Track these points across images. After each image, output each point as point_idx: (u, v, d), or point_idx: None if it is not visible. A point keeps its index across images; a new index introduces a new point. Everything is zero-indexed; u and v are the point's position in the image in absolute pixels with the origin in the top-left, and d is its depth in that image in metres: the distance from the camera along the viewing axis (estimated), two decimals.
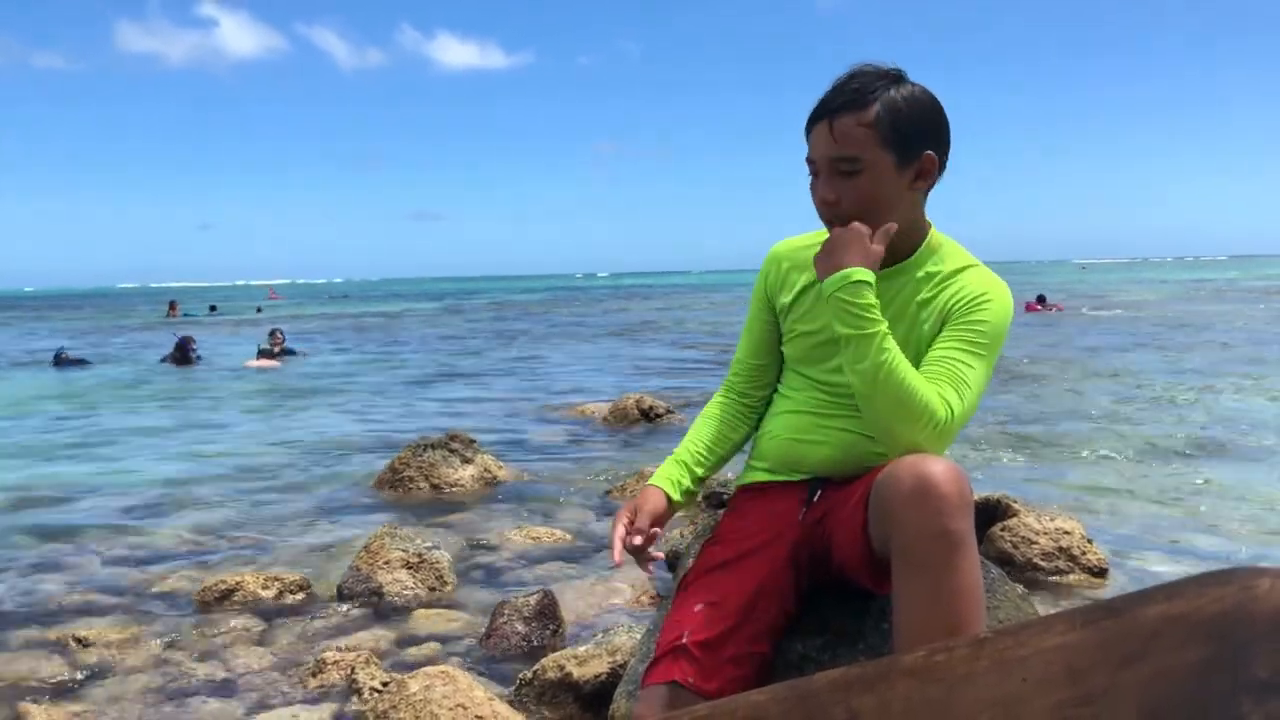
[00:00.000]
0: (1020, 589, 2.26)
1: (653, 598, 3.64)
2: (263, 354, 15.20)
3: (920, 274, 1.80)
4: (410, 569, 3.82)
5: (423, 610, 3.63)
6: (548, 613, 3.27)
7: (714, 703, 1.39)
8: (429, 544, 4.01)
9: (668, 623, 1.78)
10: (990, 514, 3.94)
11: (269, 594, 3.72)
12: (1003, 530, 3.83)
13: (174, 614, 3.68)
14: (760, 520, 1.86)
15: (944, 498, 1.49)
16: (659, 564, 1.96)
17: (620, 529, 1.84)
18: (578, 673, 2.68)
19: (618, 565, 1.85)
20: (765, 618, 1.73)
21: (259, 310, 34.13)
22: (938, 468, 1.51)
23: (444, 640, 3.36)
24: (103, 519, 5.21)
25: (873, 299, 1.66)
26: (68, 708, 2.86)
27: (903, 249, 1.80)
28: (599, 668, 2.69)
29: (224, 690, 2.99)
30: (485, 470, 5.53)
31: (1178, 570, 3.91)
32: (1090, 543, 3.82)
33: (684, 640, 1.69)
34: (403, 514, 5.13)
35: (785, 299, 1.93)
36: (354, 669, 2.98)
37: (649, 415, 7.79)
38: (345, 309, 36.90)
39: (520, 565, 4.18)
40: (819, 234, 1.93)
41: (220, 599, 3.69)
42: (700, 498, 3.98)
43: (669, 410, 7.85)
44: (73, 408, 10.53)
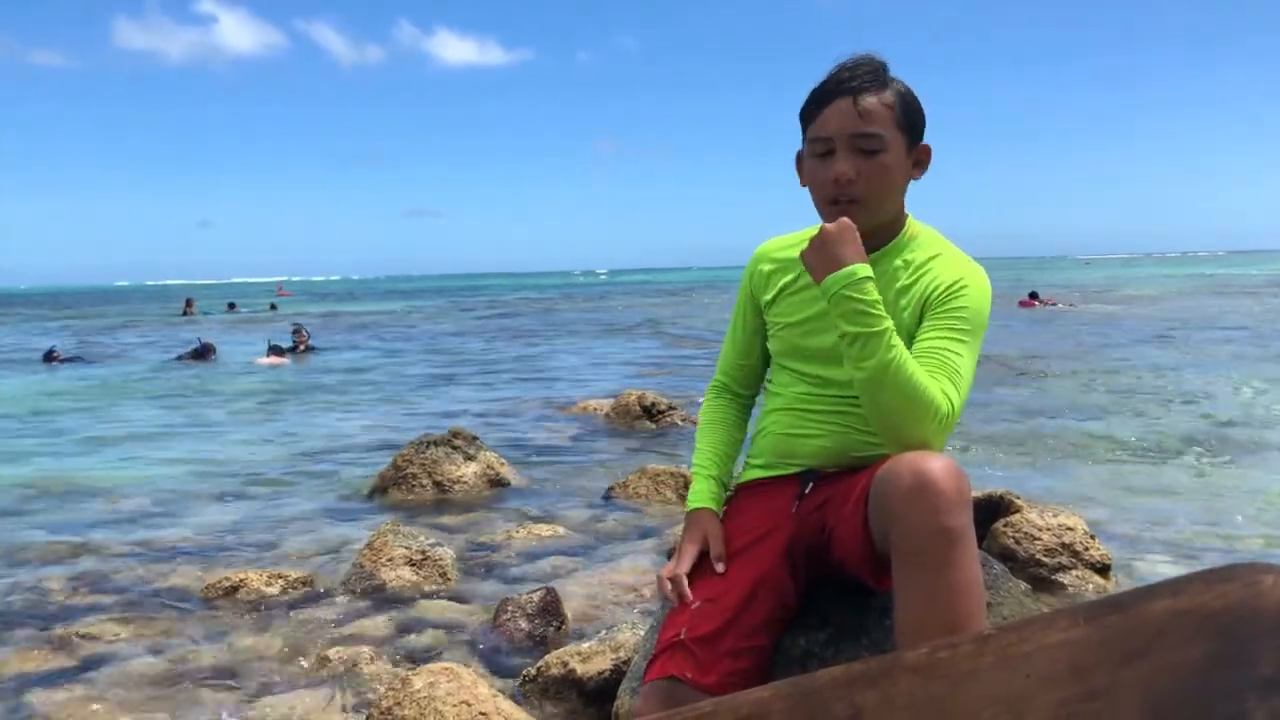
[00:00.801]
0: (1023, 585, 2.26)
1: (655, 595, 3.64)
2: (273, 350, 15.19)
3: (898, 261, 1.81)
4: (413, 566, 3.83)
5: (426, 606, 3.64)
6: (551, 609, 3.28)
7: (717, 699, 1.39)
8: (432, 541, 4.02)
9: (667, 620, 1.79)
10: (993, 510, 3.94)
11: (273, 590, 3.73)
12: (1005, 526, 3.83)
13: (178, 611, 3.68)
14: (755, 516, 1.86)
15: (943, 494, 1.49)
16: (661, 559, 1.96)
17: (685, 568, 1.80)
18: (581, 669, 2.69)
19: (694, 602, 1.76)
20: (763, 611, 1.74)
21: (273, 307, 34.14)
22: (936, 465, 1.51)
23: (447, 636, 3.36)
24: (107, 518, 5.21)
25: (877, 295, 1.66)
26: (71, 699, 2.87)
27: (883, 236, 1.82)
28: (602, 664, 2.69)
29: (228, 686, 2.99)
30: (488, 467, 5.54)
31: (1181, 567, 3.91)
32: (1093, 539, 3.81)
33: (682, 636, 1.70)
34: (406, 511, 5.13)
35: (768, 296, 1.94)
36: (358, 665, 2.99)
37: (651, 412, 7.78)
38: (349, 307, 36.93)
39: (523, 562, 4.18)
40: (804, 233, 1.94)
41: (224, 595, 3.69)
42: None
43: (671, 406, 7.84)
44: (78, 406, 10.54)
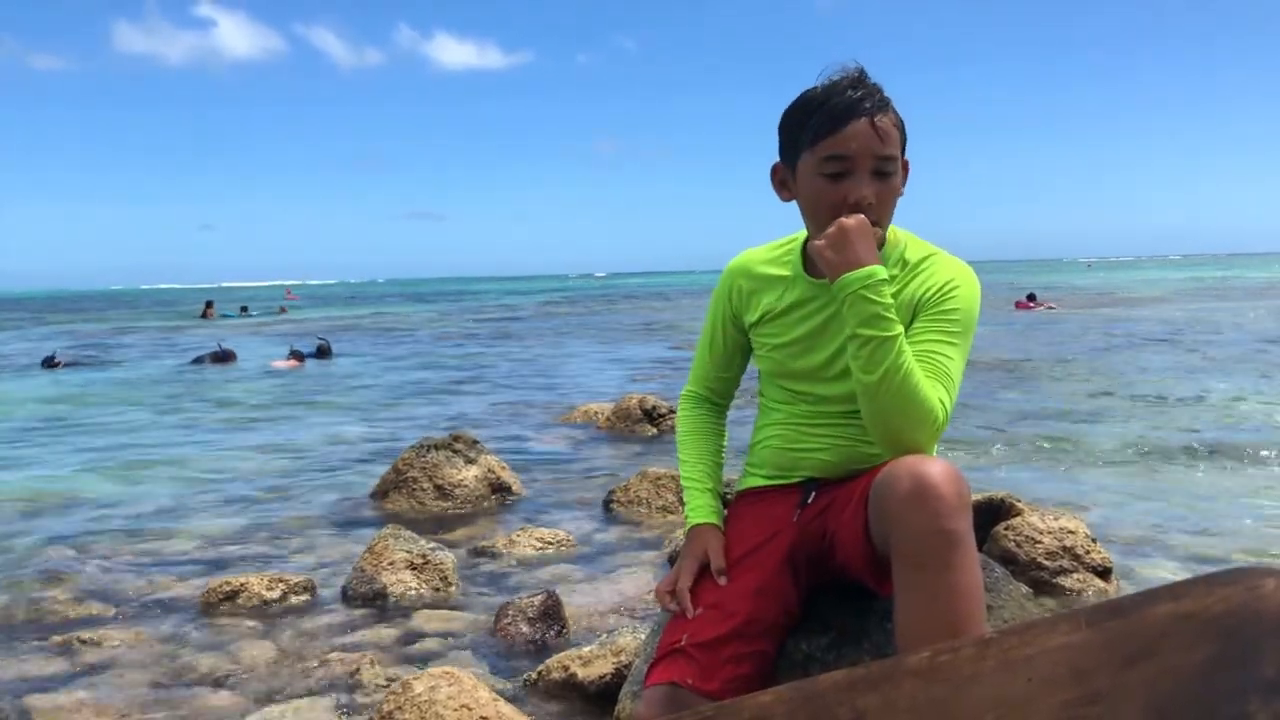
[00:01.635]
0: (1024, 588, 2.27)
1: (657, 600, 3.64)
2: (293, 354, 15.36)
3: (889, 271, 1.80)
4: (414, 570, 3.83)
5: (427, 611, 3.63)
6: (552, 613, 3.27)
7: (719, 704, 1.39)
8: (433, 545, 4.01)
9: (669, 626, 1.79)
10: (994, 513, 3.93)
11: (274, 595, 3.72)
12: (1006, 529, 3.82)
13: (179, 615, 3.68)
14: (757, 523, 1.86)
15: (942, 498, 1.49)
16: (662, 564, 1.96)
17: (686, 583, 1.80)
18: (582, 673, 2.69)
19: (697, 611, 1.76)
20: (765, 617, 1.73)
21: (282, 310, 34.30)
22: (935, 468, 1.51)
23: (448, 640, 3.36)
24: (109, 525, 5.20)
25: (891, 299, 1.65)
26: (73, 703, 2.86)
27: None
28: (604, 668, 2.69)
29: (228, 691, 2.99)
30: (489, 471, 5.54)
31: (1183, 570, 3.91)
32: (1094, 542, 3.81)
33: (683, 643, 1.69)
34: (406, 515, 5.13)
35: (751, 317, 1.93)
36: (359, 670, 2.99)
37: (651, 416, 7.79)
38: (351, 311, 37.00)
39: (524, 566, 4.18)
40: (779, 245, 1.94)
41: (225, 600, 3.69)
42: None
43: (671, 410, 7.83)
44: (81, 411, 10.55)
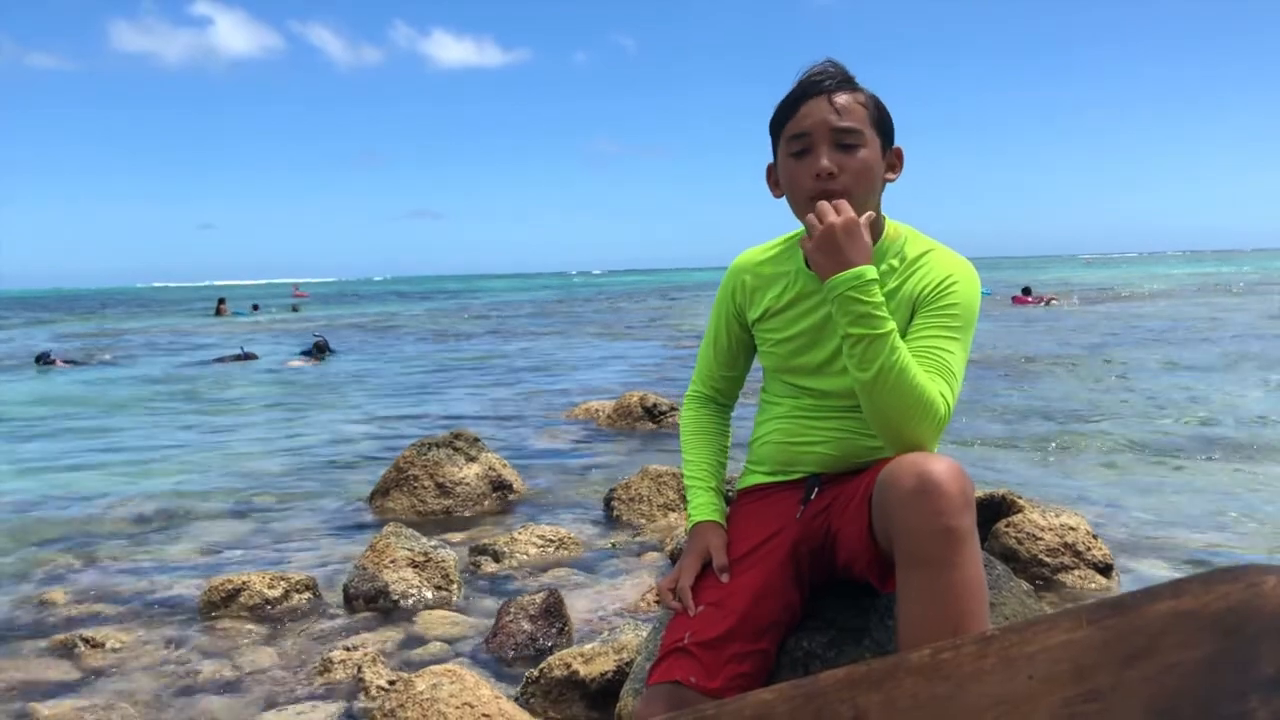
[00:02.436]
0: (1025, 585, 2.27)
1: (658, 597, 3.64)
2: (305, 354, 15.69)
3: (884, 266, 1.80)
4: (416, 568, 3.83)
5: (429, 609, 3.64)
6: (554, 611, 3.27)
7: (721, 702, 1.39)
8: (434, 543, 4.01)
9: (671, 624, 1.78)
10: (995, 510, 3.94)
11: (275, 593, 3.72)
12: (1007, 526, 3.83)
13: (181, 614, 3.68)
14: (759, 521, 1.86)
15: (946, 496, 1.49)
16: (664, 562, 1.96)
17: (688, 581, 1.80)
18: (584, 671, 2.69)
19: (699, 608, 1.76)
20: (768, 615, 1.74)
21: (295, 309, 34.66)
22: (939, 466, 1.51)
23: (450, 638, 3.37)
24: (111, 525, 5.20)
25: (881, 297, 1.66)
26: (75, 707, 2.87)
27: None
28: (605, 665, 2.69)
29: (230, 690, 3.00)
30: (490, 468, 5.54)
31: (1184, 567, 3.91)
32: (1096, 539, 3.81)
33: (686, 641, 1.69)
34: (408, 513, 5.14)
35: (754, 314, 1.94)
36: (360, 668, 2.99)
37: (652, 413, 7.79)
38: (352, 309, 37.06)
39: (525, 564, 4.18)
40: (780, 241, 1.95)
41: (227, 599, 3.69)
42: None
43: (672, 407, 7.84)
44: (82, 411, 10.55)
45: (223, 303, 33.04)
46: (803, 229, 1.88)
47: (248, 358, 15.75)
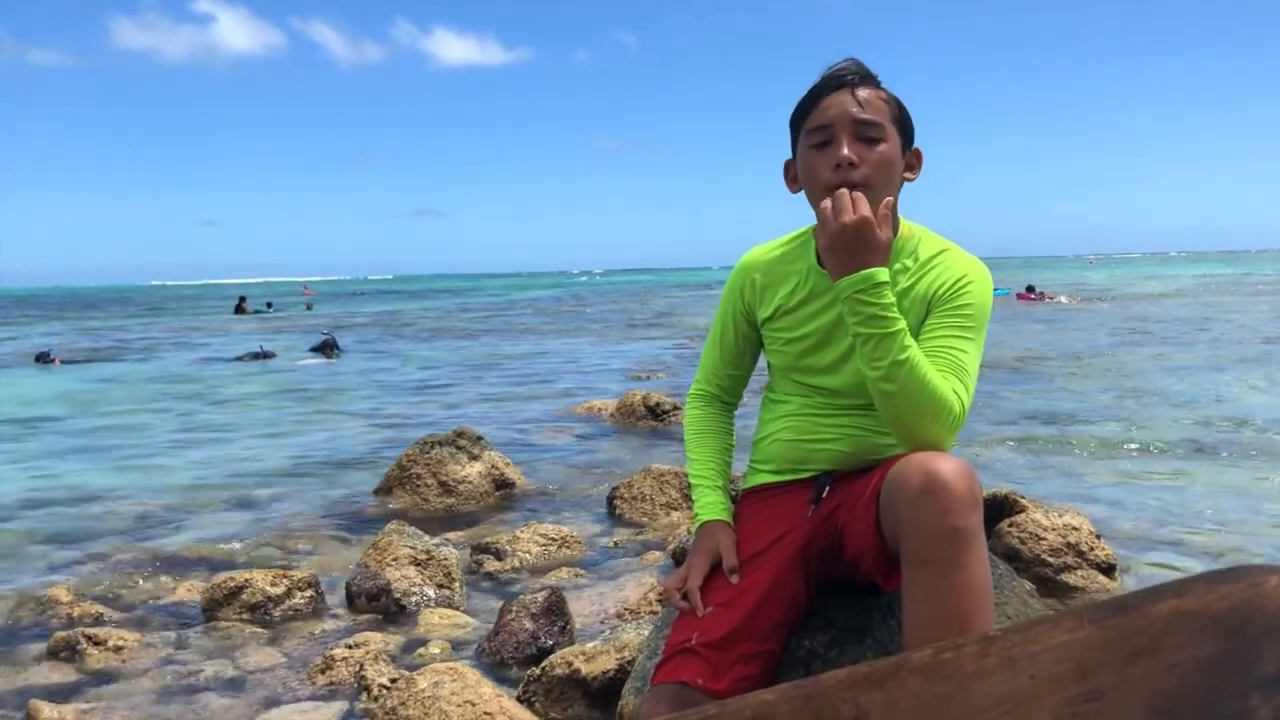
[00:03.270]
0: (1028, 585, 2.26)
1: (660, 596, 3.64)
2: (314, 350, 15.98)
3: (899, 265, 1.80)
4: (418, 566, 3.83)
5: (431, 607, 3.64)
6: (555, 610, 3.27)
7: (722, 702, 1.39)
8: (437, 541, 4.02)
9: (677, 624, 1.76)
10: (998, 510, 3.93)
11: (277, 591, 3.72)
12: (1010, 526, 3.82)
13: (183, 614, 3.69)
14: (768, 521, 1.84)
15: (953, 495, 1.48)
16: (666, 561, 1.95)
17: (696, 581, 1.78)
18: (586, 669, 2.69)
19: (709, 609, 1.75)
20: (775, 615, 1.73)
21: (309, 308, 35.16)
22: (947, 465, 1.51)
23: (452, 637, 3.37)
24: (113, 524, 5.21)
25: (891, 297, 1.64)
26: (78, 706, 2.87)
27: None
28: (607, 664, 2.69)
29: (233, 688, 3.00)
30: (493, 467, 5.54)
31: (1186, 567, 3.91)
32: (1099, 539, 3.80)
33: (693, 641, 1.68)
34: (410, 511, 5.14)
35: (764, 313, 1.92)
36: (362, 666, 2.99)
37: (655, 411, 7.79)
38: (357, 308, 37.15)
39: (528, 563, 4.19)
40: (789, 239, 1.94)
41: (229, 596, 3.69)
42: None
43: (675, 406, 7.84)
44: (86, 409, 10.57)
45: (243, 300, 33.61)
46: (814, 225, 1.87)
47: (267, 356, 15.91)
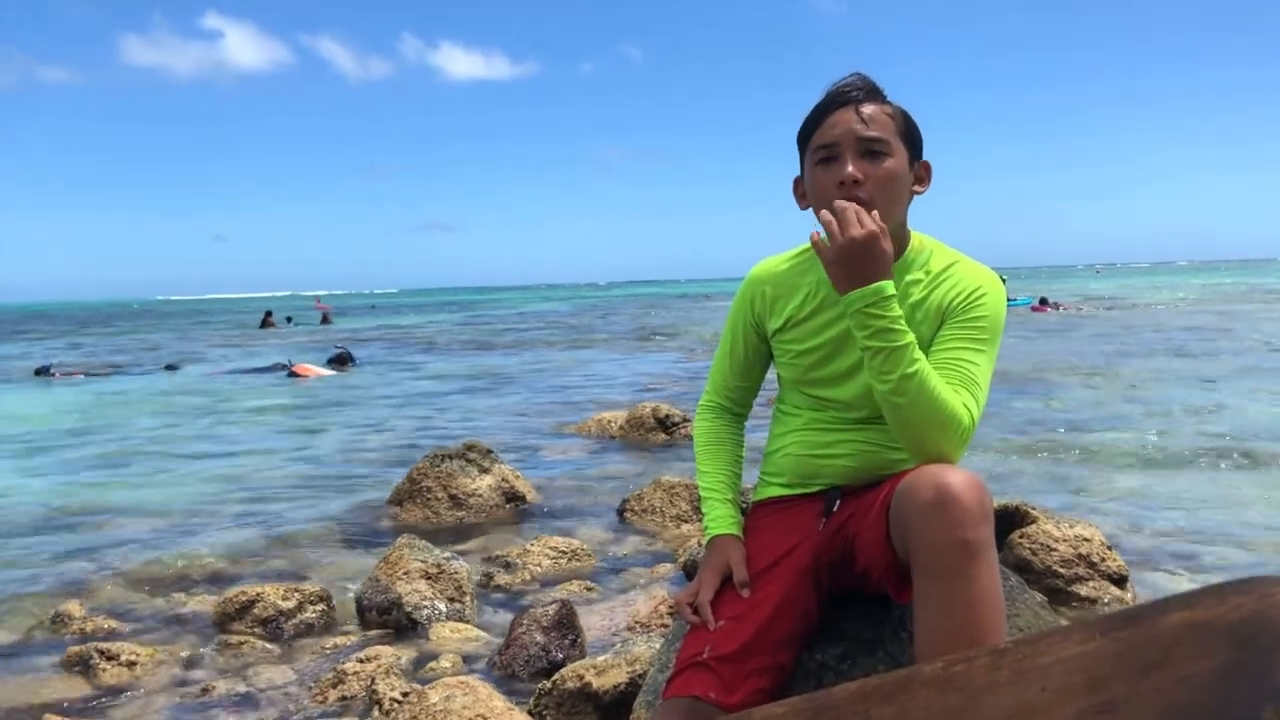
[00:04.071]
0: (1039, 597, 2.26)
1: (671, 609, 3.64)
2: (329, 362, 16.19)
3: (910, 277, 1.80)
4: (429, 579, 3.84)
5: (442, 621, 3.64)
6: (566, 623, 3.27)
7: (733, 716, 1.39)
8: (448, 554, 4.02)
9: (689, 638, 1.76)
10: (1009, 521, 3.92)
11: (289, 605, 3.73)
12: (1021, 537, 3.81)
13: (196, 628, 3.70)
14: (779, 534, 1.84)
15: (964, 508, 1.48)
16: (677, 574, 1.95)
17: (707, 595, 1.79)
18: (597, 682, 2.69)
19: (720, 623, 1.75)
20: (787, 628, 1.73)
21: (328, 321, 35.54)
22: (957, 478, 1.51)
23: (463, 650, 3.37)
24: (124, 535, 5.24)
25: (899, 310, 1.65)
26: None
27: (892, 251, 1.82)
28: (618, 677, 2.69)
29: (245, 703, 3.01)
30: (503, 480, 5.55)
31: (1197, 578, 3.89)
32: (1110, 550, 3.79)
33: (705, 655, 1.68)
34: (421, 525, 5.15)
35: (774, 324, 1.92)
36: (374, 680, 2.99)
37: (665, 424, 7.78)
38: (368, 321, 37.30)
39: (538, 576, 4.19)
40: (799, 251, 1.93)
41: (241, 611, 3.70)
42: None
43: (685, 418, 7.83)
44: (98, 423, 10.61)
45: (269, 315, 34.20)
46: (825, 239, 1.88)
47: (287, 367, 16.01)
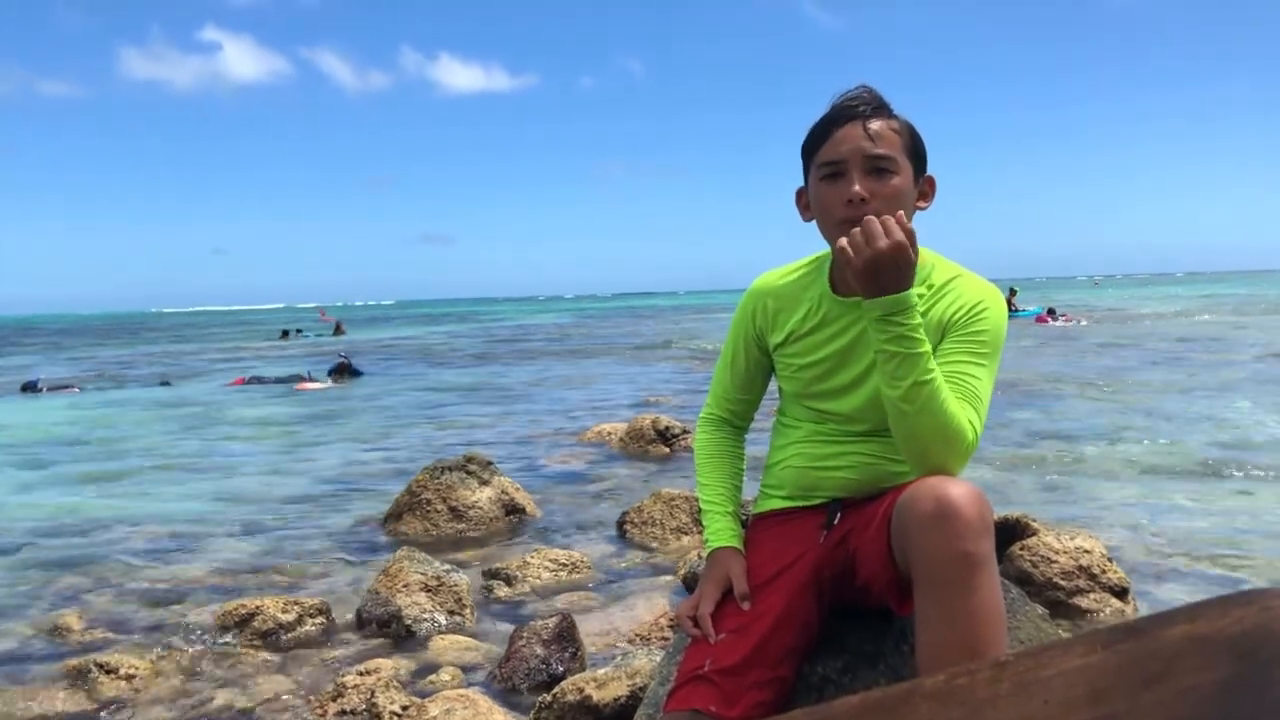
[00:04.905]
0: (1040, 609, 2.26)
1: (672, 621, 3.63)
2: (331, 373, 16.34)
3: (914, 292, 1.79)
4: (429, 592, 3.83)
5: (442, 633, 3.64)
6: (566, 635, 3.27)
7: None
8: (447, 567, 4.02)
9: (690, 651, 1.76)
10: (1009, 533, 3.92)
11: (288, 618, 3.73)
12: (1022, 549, 3.81)
13: (195, 641, 3.69)
14: (780, 546, 1.84)
15: (964, 520, 1.48)
16: (677, 586, 1.95)
17: (708, 608, 1.78)
18: (597, 695, 2.68)
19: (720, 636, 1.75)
20: (788, 641, 1.73)
21: (341, 331, 35.79)
22: (957, 490, 1.51)
23: (463, 663, 3.36)
24: (124, 551, 5.22)
25: (919, 319, 1.64)
26: None
27: None
28: (619, 690, 2.69)
29: (244, 717, 3.01)
30: (503, 492, 5.55)
31: (1198, 590, 3.89)
32: (1111, 561, 3.79)
33: (706, 669, 1.68)
34: (420, 537, 5.14)
35: (777, 338, 1.92)
36: (374, 693, 2.99)
37: (665, 436, 7.78)
38: (367, 334, 37.36)
39: (538, 588, 4.18)
40: (801, 265, 1.93)
41: (241, 623, 3.70)
42: None
43: (684, 430, 7.84)
44: (98, 436, 10.60)
45: (286, 334, 35.21)
46: (825, 253, 1.88)
47: (303, 378, 16.08)
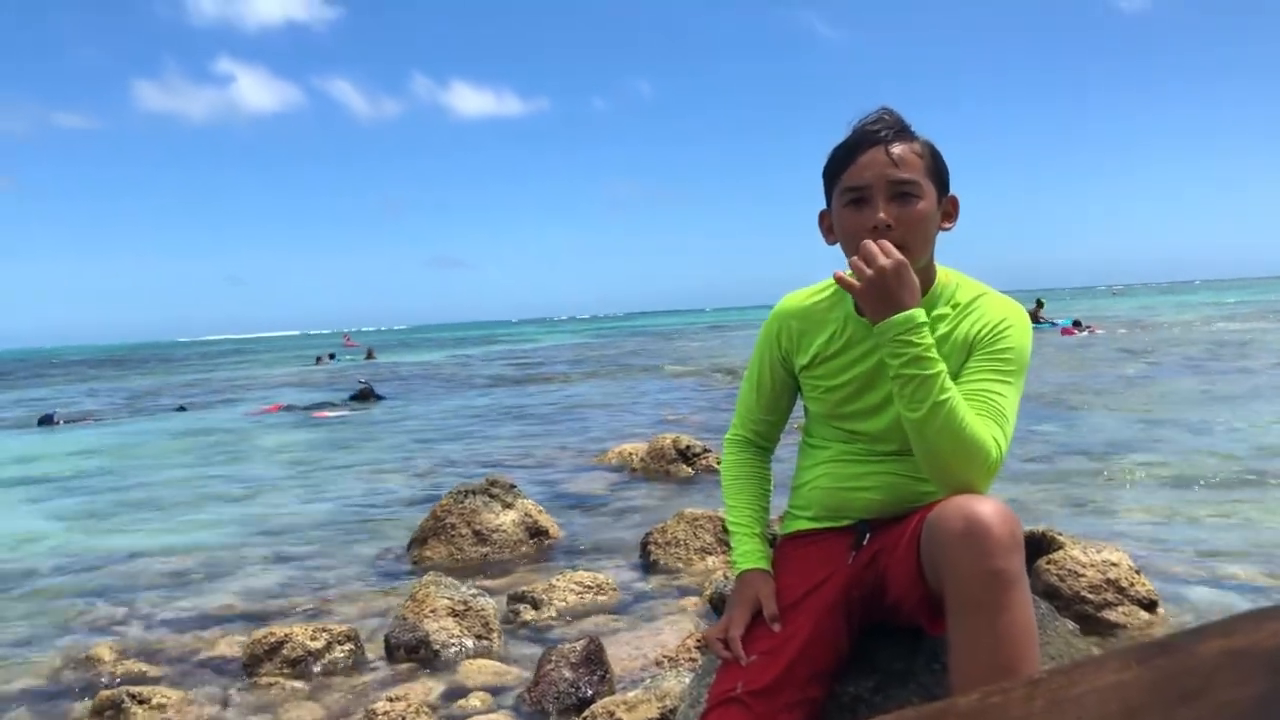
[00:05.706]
0: (1070, 624, 2.25)
1: (699, 643, 3.63)
2: (353, 398, 16.50)
3: (936, 312, 1.80)
4: (456, 616, 3.85)
5: (470, 658, 3.65)
6: (594, 659, 3.27)
7: None
8: (473, 591, 4.03)
9: (720, 674, 1.77)
10: (1036, 547, 3.90)
11: (317, 645, 3.75)
12: (1049, 564, 3.79)
13: (225, 671, 3.72)
14: (809, 567, 1.85)
15: (995, 538, 1.49)
16: (704, 608, 1.95)
17: (738, 630, 1.79)
18: (628, 718, 2.69)
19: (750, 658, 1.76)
20: (818, 661, 1.73)
21: (371, 356, 36.14)
22: (987, 508, 1.52)
23: (492, 688, 3.38)
24: (152, 581, 5.26)
25: (931, 339, 1.66)
26: None
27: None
28: (649, 712, 2.69)
29: None
30: (526, 515, 5.56)
31: (1228, 602, 3.85)
32: (1139, 574, 3.77)
33: (738, 691, 1.68)
34: (446, 562, 5.16)
35: (803, 360, 1.93)
36: (404, 719, 3.00)
37: (686, 455, 7.78)
38: (385, 358, 37.56)
39: (565, 611, 4.19)
40: (826, 285, 1.93)
41: (270, 651, 3.72)
42: None
43: (706, 449, 7.83)
44: (123, 466, 10.68)
45: (320, 360, 35.67)
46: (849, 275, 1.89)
47: (320, 406, 16.18)
